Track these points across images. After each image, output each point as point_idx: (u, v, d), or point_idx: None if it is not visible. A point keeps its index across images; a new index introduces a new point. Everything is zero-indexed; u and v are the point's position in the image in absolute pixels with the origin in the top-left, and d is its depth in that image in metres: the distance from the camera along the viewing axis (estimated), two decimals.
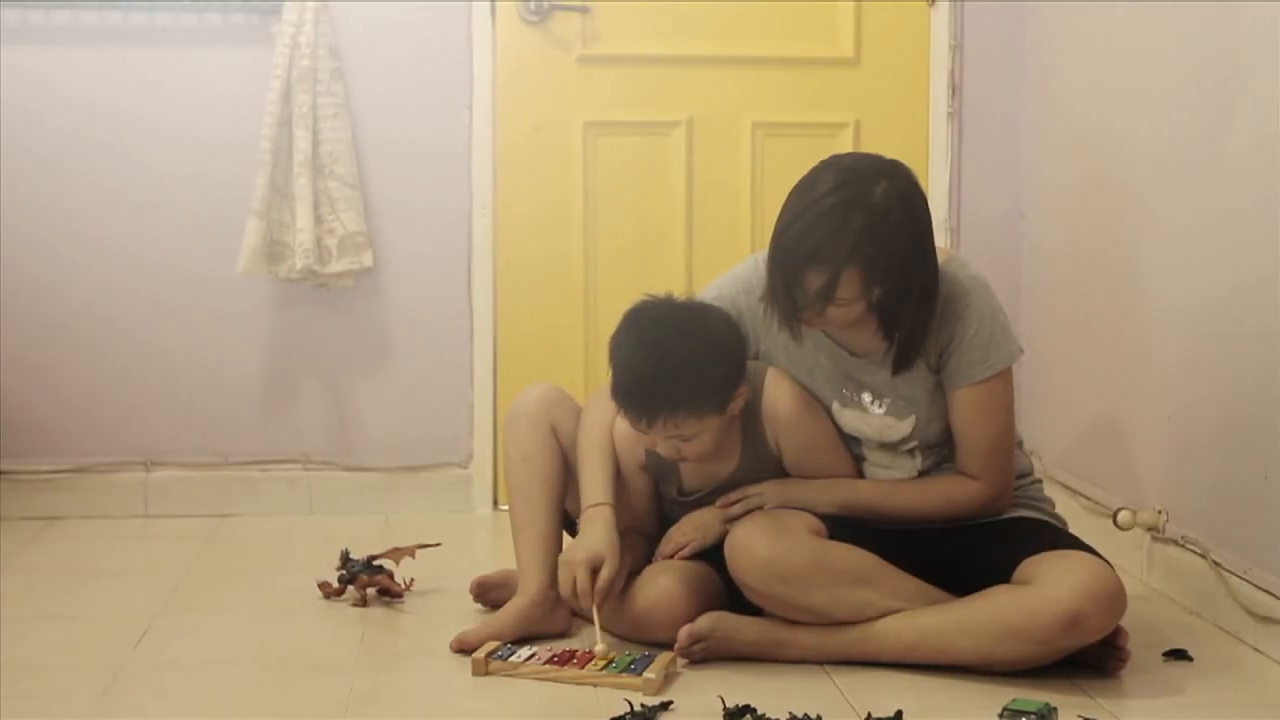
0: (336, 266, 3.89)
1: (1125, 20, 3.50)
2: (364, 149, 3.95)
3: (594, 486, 2.87)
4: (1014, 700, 2.46)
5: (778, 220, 2.68)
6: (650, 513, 2.99)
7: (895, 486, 2.85)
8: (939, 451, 2.86)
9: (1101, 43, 3.63)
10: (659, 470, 2.95)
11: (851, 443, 2.88)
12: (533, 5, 3.98)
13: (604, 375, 3.70)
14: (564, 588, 2.80)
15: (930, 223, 2.71)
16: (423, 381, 4.05)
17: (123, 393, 3.98)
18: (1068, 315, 3.85)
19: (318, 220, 3.86)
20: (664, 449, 2.80)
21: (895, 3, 4.08)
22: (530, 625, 2.87)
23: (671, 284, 3.86)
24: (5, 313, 3.92)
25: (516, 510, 2.96)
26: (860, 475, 2.89)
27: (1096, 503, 3.57)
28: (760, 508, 2.83)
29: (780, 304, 2.69)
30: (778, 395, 2.83)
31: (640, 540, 2.97)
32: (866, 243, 2.60)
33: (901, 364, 2.76)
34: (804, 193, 2.66)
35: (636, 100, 4.06)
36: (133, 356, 3.98)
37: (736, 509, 2.84)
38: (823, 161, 2.71)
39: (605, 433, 2.91)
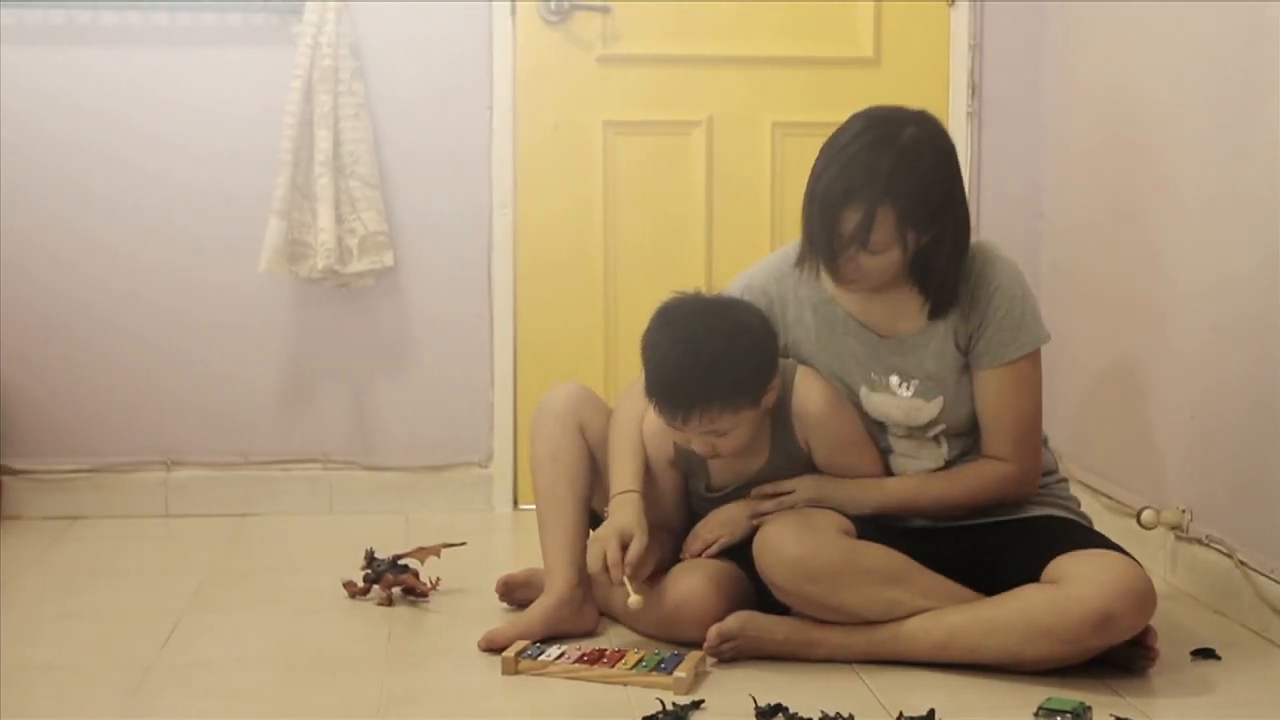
0: (357, 266, 3.89)
1: (1145, 18, 3.50)
2: (384, 149, 3.95)
3: (623, 475, 2.88)
4: (1049, 699, 2.46)
5: (811, 171, 2.72)
6: (678, 509, 2.99)
7: (926, 479, 2.85)
8: (965, 440, 2.86)
9: (1121, 41, 3.64)
10: (688, 466, 2.95)
11: (878, 432, 2.88)
12: (553, 5, 3.99)
13: (624, 374, 3.73)
14: (594, 563, 2.80)
15: (959, 171, 2.77)
16: (443, 381, 4.05)
17: (143, 392, 3.99)
18: (1088, 313, 3.85)
19: (339, 220, 3.86)
20: (699, 446, 2.80)
21: (915, 2, 4.08)
22: (558, 624, 2.87)
23: (692, 283, 3.87)
24: (27, 314, 3.92)
25: (543, 510, 2.96)
26: (888, 469, 2.89)
27: (1118, 501, 3.57)
28: (792, 506, 2.83)
29: (819, 250, 2.72)
30: (808, 392, 2.84)
31: (668, 537, 2.97)
32: (898, 180, 2.65)
33: (936, 313, 2.79)
34: (834, 140, 2.73)
35: (656, 100, 4.06)
36: (153, 356, 3.98)
37: (768, 505, 2.85)
38: (851, 115, 2.77)
39: (636, 427, 2.92)
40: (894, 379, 2.84)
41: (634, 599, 2.74)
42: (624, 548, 2.78)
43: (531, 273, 4.05)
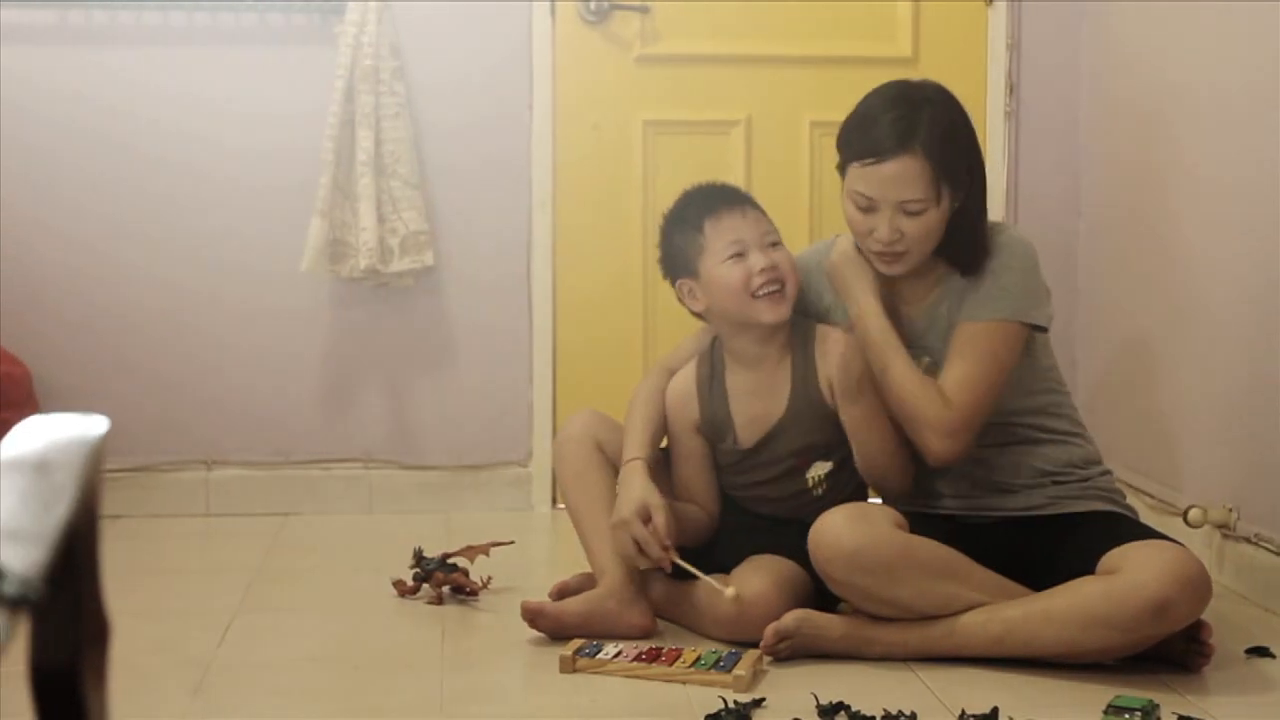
0: (399, 266, 3.90)
1: (1182, 18, 3.51)
2: (424, 148, 3.96)
3: (631, 442, 2.95)
4: (1117, 697, 2.47)
5: (839, 139, 2.87)
6: (705, 481, 3.03)
7: (897, 351, 2.82)
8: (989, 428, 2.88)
9: (1158, 41, 3.65)
10: (713, 430, 2.99)
11: None
12: (592, 5, 4.00)
13: None
14: (625, 549, 2.83)
15: (974, 131, 2.88)
16: (482, 380, 4.06)
17: (184, 392, 4.00)
18: (1127, 312, 3.86)
19: (380, 220, 3.87)
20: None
21: (953, 2, 4.09)
22: (602, 616, 2.87)
23: None
24: (69, 314, 3.93)
25: (581, 523, 3.01)
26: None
27: (1161, 500, 3.58)
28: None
29: (857, 218, 2.81)
30: (831, 329, 2.94)
31: (703, 517, 3.01)
32: (929, 133, 2.75)
33: (969, 270, 2.83)
34: (858, 111, 2.88)
35: (695, 99, 4.07)
36: (194, 356, 4.00)
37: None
38: (868, 92, 2.92)
39: (653, 397, 3.00)
40: (926, 360, 2.87)
41: (730, 591, 2.77)
42: (646, 521, 2.82)
43: (571, 272, 4.07)
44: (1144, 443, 3.73)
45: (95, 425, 0.95)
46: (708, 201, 2.97)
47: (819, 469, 2.95)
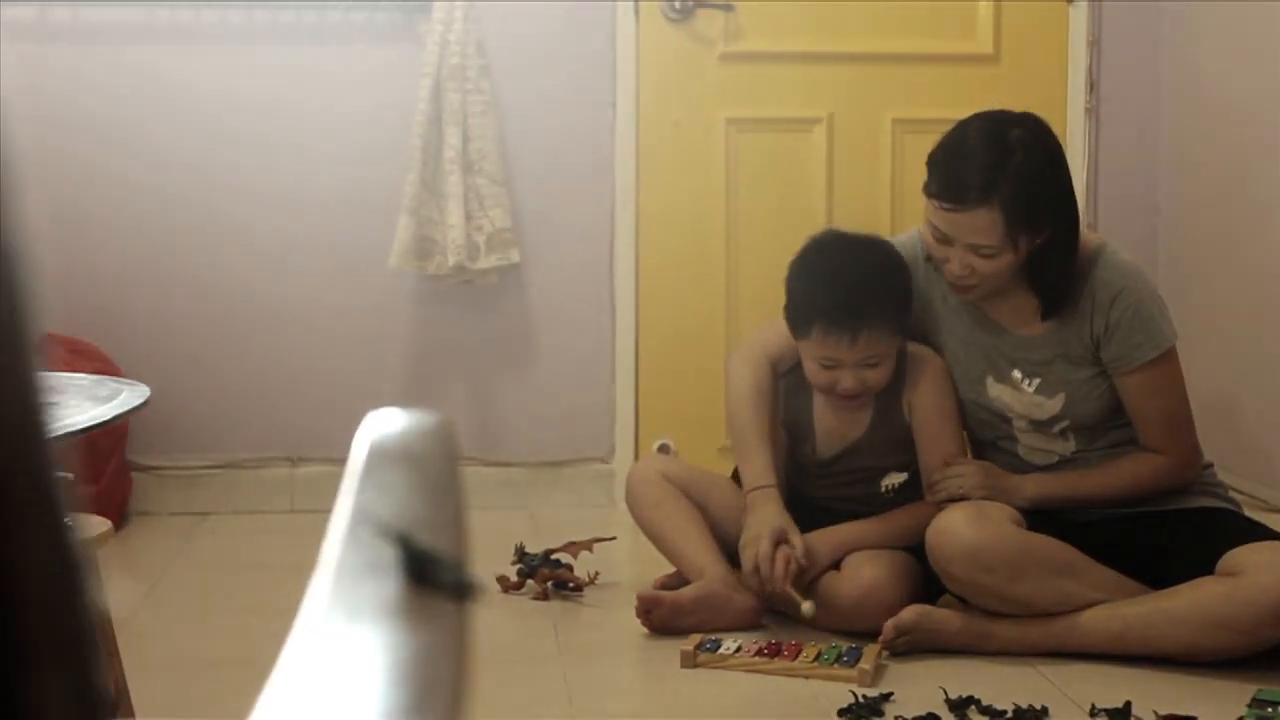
0: (485, 263, 3.91)
1: (1261, 15, 3.52)
2: (509, 146, 3.97)
3: (757, 469, 2.94)
4: (1260, 690, 2.48)
5: (928, 167, 2.85)
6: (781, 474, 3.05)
7: (1086, 472, 2.89)
8: (1094, 435, 2.89)
9: (1240, 38, 3.65)
10: (795, 430, 3.00)
11: (1002, 422, 2.92)
12: (677, 4, 4.01)
13: None
14: (749, 565, 2.83)
15: (1068, 172, 2.85)
16: (565, 377, 4.07)
17: (268, 389, 4.01)
18: (1205, 308, 3.87)
19: (467, 217, 3.88)
20: (850, 381, 2.85)
21: (1034, 1, 4.10)
22: (715, 601, 2.89)
23: None
24: (155, 311, 3.94)
25: (668, 537, 3.06)
26: (1015, 460, 2.93)
27: (1252, 497, 3.58)
28: (963, 496, 2.85)
29: (934, 250, 2.83)
30: (923, 347, 2.97)
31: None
32: (1010, 187, 2.72)
33: (1050, 313, 2.84)
34: (944, 144, 2.83)
35: (777, 97, 4.08)
36: (279, 352, 4.00)
37: (941, 495, 2.88)
38: (959, 120, 2.87)
39: (758, 412, 2.96)
40: (1017, 373, 2.88)
41: (807, 606, 2.77)
42: (777, 544, 2.82)
43: (653, 269, 4.08)
44: (1230, 441, 3.74)
45: (435, 420, 0.96)
46: (829, 306, 2.86)
47: (893, 478, 3.00)
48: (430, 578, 0.78)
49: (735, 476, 3.19)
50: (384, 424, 0.99)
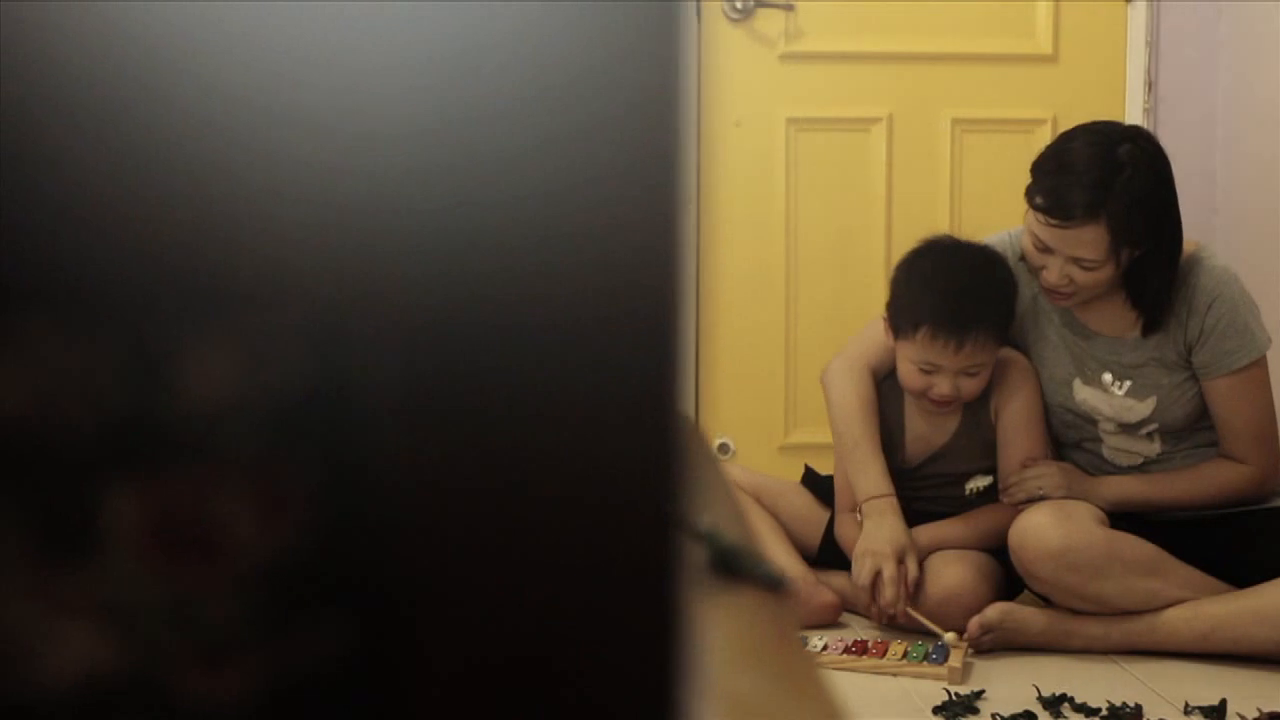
0: None
1: None
2: None
3: (873, 477, 2.92)
4: None
5: (1031, 174, 2.81)
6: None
7: (1168, 478, 2.89)
8: (1180, 437, 2.90)
9: None
10: (886, 439, 3.00)
11: (1088, 424, 2.93)
12: (738, 4, 4.02)
13: (805, 371, 3.77)
14: (864, 578, 2.83)
15: (1173, 186, 2.82)
16: None
17: None
18: (1264, 313, 3.87)
19: None
20: (946, 388, 2.85)
21: (1093, 1, 4.11)
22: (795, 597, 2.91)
23: (872, 280, 3.93)
24: None
25: None
26: (1098, 461, 2.93)
27: None
28: (1043, 496, 2.87)
29: (1032, 259, 2.82)
30: (1015, 355, 2.97)
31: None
32: (1118, 204, 2.69)
33: (1150, 328, 2.83)
34: (1050, 153, 2.80)
35: (838, 96, 4.09)
36: None
37: (1020, 495, 2.89)
38: (1066, 130, 2.86)
39: (862, 416, 2.95)
40: (1107, 376, 2.88)
41: (949, 637, 2.76)
42: (900, 561, 2.83)
43: (714, 269, 4.08)
44: None
45: (688, 420, 0.97)
46: (939, 310, 2.84)
47: (978, 481, 3.00)
48: (740, 572, 0.79)
49: (805, 480, 3.21)
50: None
